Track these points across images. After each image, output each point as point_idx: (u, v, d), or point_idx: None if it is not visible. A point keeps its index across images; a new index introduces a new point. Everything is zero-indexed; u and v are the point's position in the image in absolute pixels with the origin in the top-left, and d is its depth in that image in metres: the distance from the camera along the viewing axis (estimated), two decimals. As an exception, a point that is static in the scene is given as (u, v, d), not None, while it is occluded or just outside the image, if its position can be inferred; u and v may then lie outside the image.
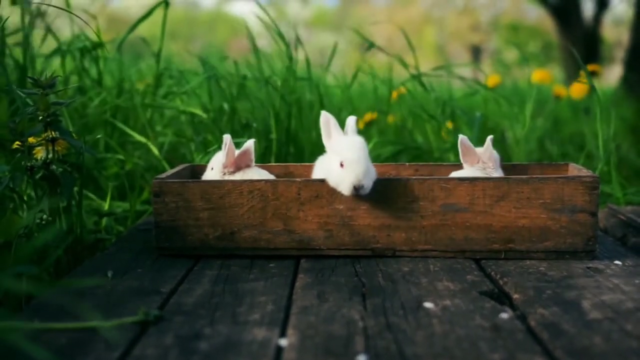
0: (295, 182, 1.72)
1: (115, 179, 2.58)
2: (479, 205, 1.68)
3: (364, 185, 1.65)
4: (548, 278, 1.53)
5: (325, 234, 1.72)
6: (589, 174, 1.70)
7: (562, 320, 1.25)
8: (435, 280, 1.52)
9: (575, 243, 1.68)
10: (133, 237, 2.00)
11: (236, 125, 2.78)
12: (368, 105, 3.71)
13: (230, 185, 1.73)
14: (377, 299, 1.39)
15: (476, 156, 1.88)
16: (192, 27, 23.07)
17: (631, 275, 1.56)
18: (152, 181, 1.76)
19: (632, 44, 8.02)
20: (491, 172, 1.86)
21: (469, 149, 1.88)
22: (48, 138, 1.74)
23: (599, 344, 1.14)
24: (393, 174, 2.07)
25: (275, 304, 1.37)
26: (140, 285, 1.51)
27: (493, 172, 1.87)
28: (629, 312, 1.29)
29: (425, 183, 1.69)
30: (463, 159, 1.90)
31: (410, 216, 1.70)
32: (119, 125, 2.62)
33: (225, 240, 1.75)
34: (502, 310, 1.32)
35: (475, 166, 1.88)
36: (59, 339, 1.18)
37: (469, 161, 1.90)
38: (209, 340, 1.17)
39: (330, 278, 1.55)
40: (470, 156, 1.89)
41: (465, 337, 1.17)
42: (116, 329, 1.22)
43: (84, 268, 1.67)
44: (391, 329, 1.22)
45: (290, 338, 1.18)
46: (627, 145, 3.78)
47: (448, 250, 1.71)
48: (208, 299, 1.40)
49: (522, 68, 11.78)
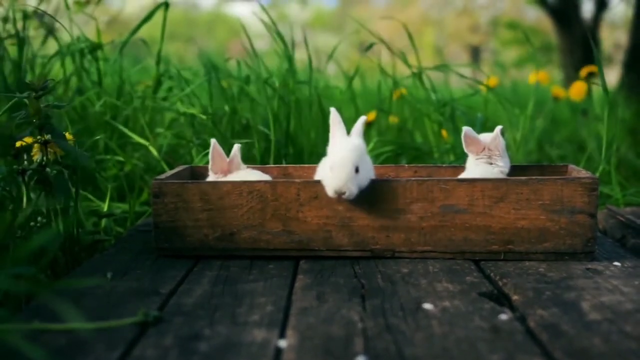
0: (294, 183, 1.72)
1: (115, 180, 2.58)
2: (478, 206, 1.69)
3: (345, 191, 1.63)
4: (547, 279, 1.53)
5: (324, 235, 1.72)
6: (588, 175, 1.71)
7: (562, 322, 1.25)
8: (435, 282, 1.52)
9: (575, 244, 1.68)
10: (132, 238, 2.00)
11: (236, 126, 2.78)
12: (368, 105, 3.71)
13: (229, 186, 1.73)
14: (377, 300, 1.39)
15: (481, 144, 1.88)
16: (192, 28, 23.07)
17: (630, 276, 1.56)
18: (152, 182, 1.76)
19: (631, 45, 8.02)
20: (496, 160, 1.86)
21: (472, 139, 1.88)
22: (41, 141, 1.74)
23: (598, 345, 1.14)
24: (392, 175, 2.07)
25: (275, 304, 1.37)
26: (139, 286, 1.51)
27: (498, 160, 1.86)
28: (628, 313, 1.29)
29: (425, 184, 1.69)
30: (467, 149, 1.90)
31: (409, 217, 1.71)
32: (118, 127, 2.62)
33: (224, 241, 1.75)
34: (502, 311, 1.32)
35: (481, 155, 1.88)
36: (58, 339, 1.18)
37: (474, 150, 1.89)
38: (209, 341, 1.17)
39: (330, 279, 1.56)
40: (474, 145, 1.89)
41: (465, 338, 1.18)
42: (116, 330, 1.22)
43: (83, 269, 1.67)
44: (390, 330, 1.22)
45: (290, 339, 1.18)
46: (626, 146, 3.79)
47: (447, 251, 1.72)
48: (207, 300, 1.40)
49: (520, 69, 11.79)
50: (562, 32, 9.30)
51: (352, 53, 8.00)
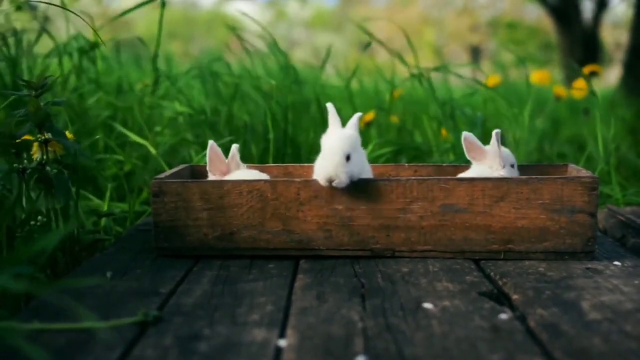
0: (294, 182, 1.72)
1: (114, 179, 2.58)
2: (478, 205, 1.68)
3: (335, 179, 1.64)
4: (547, 279, 1.53)
5: (324, 234, 1.72)
6: (588, 175, 1.70)
7: (562, 321, 1.25)
8: (435, 281, 1.52)
9: (575, 244, 1.68)
10: (132, 237, 2.00)
11: (235, 125, 2.77)
12: (368, 104, 3.71)
13: (229, 186, 1.73)
14: (377, 299, 1.39)
15: (482, 151, 1.84)
16: (191, 27, 23.07)
17: (630, 276, 1.56)
18: (152, 181, 1.76)
19: (632, 45, 8.02)
20: (498, 170, 1.81)
21: (473, 144, 1.84)
22: (41, 139, 1.74)
23: (598, 345, 1.14)
24: (392, 175, 2.07)
25: (275, 304, 1.37)
26: (139, 285, 1.51)
27: (500, 170, 1.81)
28: (628, 313, 1.29)
29: (425, 183, 1.69)
30: (469, 156, 1.86)
31: (409, 217, 1.70)
32: (117, 126, 2.62)
33: (224, 241, 1.74)
34: (502, 310, 1.32)
35: (484, 162, 1.84)
36: (58, 339, 1.17)
37: (477, 157, 1.86)
38: (209, 341, 1.17)
39: (330, 279, 1.55)
40: (475, 152, 1.85)
41: (465, 338, 1.17)
42: (115, 330, 1.22)
43: (83, 269, 1.67)
44: (390, 329, 1.22)
45: (290, 339, 1.18)
46: (626, 146, 3.78)
47: (447, 250, 1.71)
48: (207, 300, 1.40)
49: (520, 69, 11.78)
50: (562, 31, 9.31)
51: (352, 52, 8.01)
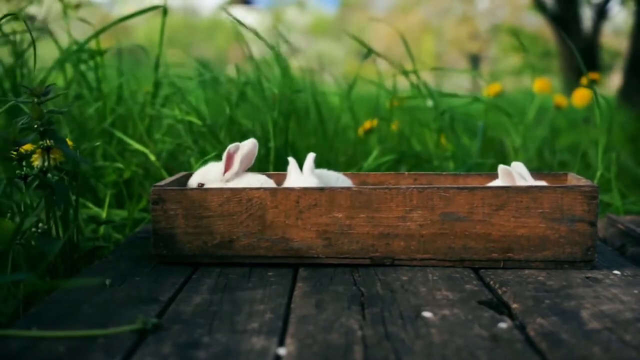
0: (294, 190, 1.71)
1: (114, 187, 2.58)
2: (478, 214, 1.68)
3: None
4: (547, 288, 1.53)
5: (323, 242, 1.72)
6: (588, 184, 1.70)
7: (561, 330, 1.25)
8: (434, 290, 1.51)
9: (574, 253, 1.68)
10: (131, 245, 2.00)
11: (235, 133, 2.77)
12: (367, 112, 3.71)
13: (228, 193, 1.73)
14: (376, 308, 1.39)
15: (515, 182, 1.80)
16: (192, 33, 23.12)
17: (630, 285, 1.55)
18: (151, 189, 1.76)
19: (632, 53, 8.04)
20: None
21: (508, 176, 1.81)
22: (43, 147, 1.74)
23: (598, 354, 1.13)
24: (392, 183, 2.07)
25: (274, 312, 1.37)
26: (138, 293, 1.51)
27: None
28: (627, 322, 1.29)
29: (425, 192, 1.69)
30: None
31: (409, 225, 1.70)
32: (117, 134, 2.62)
33: (223, 248, 1.74)
34: (501, 319, 1.32)
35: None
36: (57, 347, 1.17)
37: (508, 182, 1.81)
38: (208, 349, 1.17)
39: (329, 287, 1.55)
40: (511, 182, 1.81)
41: (464, 347, 1.17)
42: (114, 337, 1.21)
43: (82, 276, 1.67)
44: (390, 338, 1.21)
45: (289, 347, 1.18)
46: (626, 154, 3.79)
47: (447, 259, 1.71)
48: (206, 308, 1.40)
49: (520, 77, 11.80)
50: (563, 39, 9.32)
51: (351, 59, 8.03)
